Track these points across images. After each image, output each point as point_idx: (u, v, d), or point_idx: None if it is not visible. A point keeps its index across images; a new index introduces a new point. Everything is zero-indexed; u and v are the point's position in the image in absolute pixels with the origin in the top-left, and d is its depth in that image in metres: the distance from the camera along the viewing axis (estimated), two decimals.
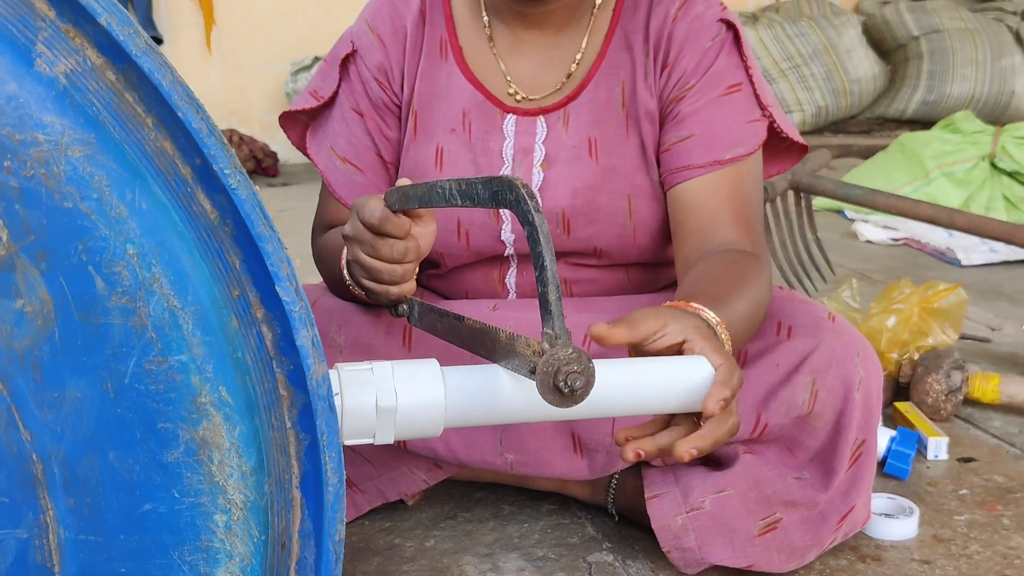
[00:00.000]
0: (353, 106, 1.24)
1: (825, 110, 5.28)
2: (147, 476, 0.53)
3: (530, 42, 1.22)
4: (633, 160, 1.19)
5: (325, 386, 0.54)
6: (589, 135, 1.20)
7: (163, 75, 0.50)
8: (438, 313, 0.93)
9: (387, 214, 0.94)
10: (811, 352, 1.11)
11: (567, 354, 0.64)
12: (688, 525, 1.14)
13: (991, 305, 2.36)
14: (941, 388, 1.63)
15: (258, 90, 5.09)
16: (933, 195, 3.15)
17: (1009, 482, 1.42)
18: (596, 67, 1.21)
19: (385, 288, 0.99)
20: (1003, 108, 5.28)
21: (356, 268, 1.01)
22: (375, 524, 1.31)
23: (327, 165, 1.26)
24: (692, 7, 1.18)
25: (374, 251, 0.97)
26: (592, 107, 1.20)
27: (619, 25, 1.21)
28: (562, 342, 0.64)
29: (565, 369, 0.64)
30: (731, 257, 1.08)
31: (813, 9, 5.54)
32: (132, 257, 0.52)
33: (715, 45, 1.17)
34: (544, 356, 0.64)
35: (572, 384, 0.65)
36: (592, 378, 0.66)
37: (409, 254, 0.96)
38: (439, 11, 1.23)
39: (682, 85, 1.17)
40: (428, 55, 1.23)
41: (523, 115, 1.21)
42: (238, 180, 0.51)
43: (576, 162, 1.20)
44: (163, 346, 0.52)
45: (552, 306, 0.64)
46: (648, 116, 1.19)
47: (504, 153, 1.21)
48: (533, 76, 1.22)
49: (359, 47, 1.23)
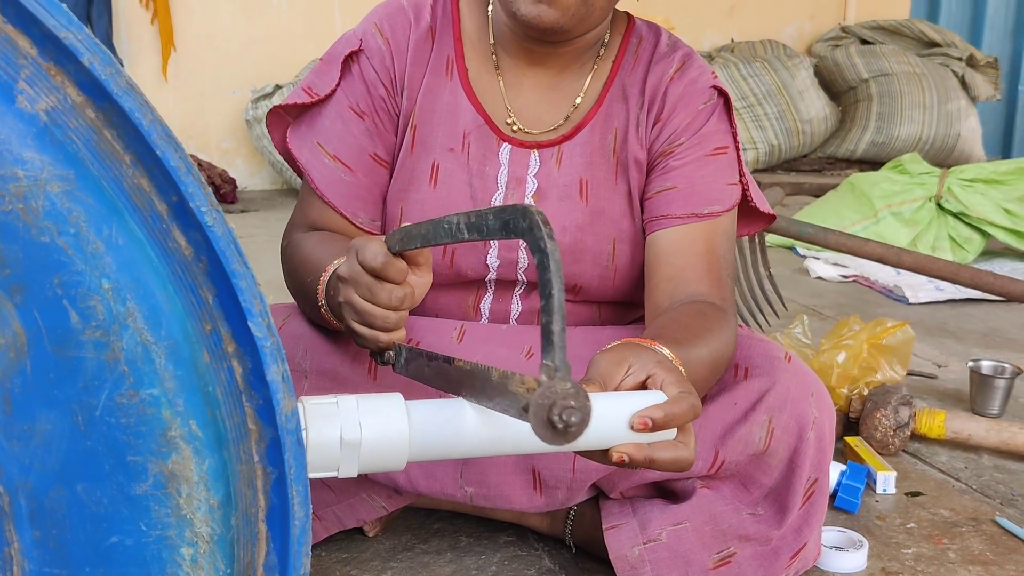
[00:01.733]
0: (353, 105, 1.22)
1: (778, 148, 5.39)
2: (115, 509, 0.54)
3: (533, 78, 1.24)
4: (620, 205, 1.23)
5: (294, 421, 0.54)
6: (581, 176, 1.23)
7: (143, 115, 0.51)
8: (426, 357, 0.89)
9: (389, 258, 0.92)
10: (767, 391, 1.13)
11: (565, 388, 0.61)
12: (645, 556, 1.15)
13: (937, 342, 2.42)
14: (889, 423, 1.67)
15: (218, 116, 5.07)
16: (881, 234, 3.23)
17: (955, 516, 1.46)
18: (593, 113, 1.24)
19: (375, 334, 0.96)
20: (949, 150, 5.44)
21: (348, 311, 0.97)
22: (332, 555, 1.30)
23: (311, 161, 1.23)
24: (688, 71, 1.23)
25: (371, 296, 0.94)
26: (586, 150, 1.23)
27: (618, 76, 1.25)
28: (561, 375, 0.61)
29: (561, 403, 0.61)
30: (699, 308, 1.10)
31: (767, 51, 5.67)
32: (107, 292, 0.52)
33: (707, 108, 1.22)
34: (541, 388, 0.61)
35: (567, 419, 0.61)
36: (588, 416, 0.62)
37: (406, 301, 0.94)
38: (449, 30, 1.25)
39: (672, 141, 1.22)
40: (433, 71, 1.23)
41: (518, 146, 1.23)
42: (214, 218, 0.52)
43: (567, 200, 1.22)
44: (135, 380, 0.53)
45: (555, 337, 0.61)
46: (636, 165, 1.23)
47: (499, 179, 1.23)
48: (532, 111, 1.25)
49: (367, 48, 1.22)
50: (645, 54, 1.25)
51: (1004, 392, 1.88)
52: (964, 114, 5.47)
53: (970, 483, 1.59)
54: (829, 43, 6.02)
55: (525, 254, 1.23)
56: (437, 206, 1.22)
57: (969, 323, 2.62)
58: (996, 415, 1.87)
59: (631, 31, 1.27)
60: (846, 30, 6.06)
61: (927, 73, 5.49)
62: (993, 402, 1.88)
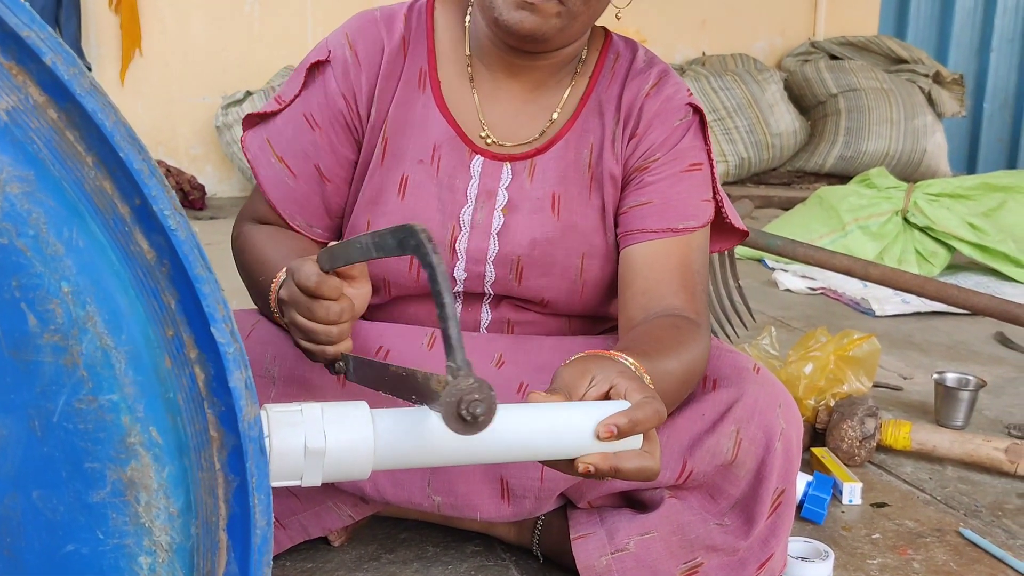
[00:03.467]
0: (307, 114, 1.22)
1: (748, 162, 5.44)
2: (71, 516, 0.53)
3: (508, 90, 1.24)
4: (593, 220, 1.23)
5: (257, 428, 0.54)
6: (553, 190, 1.23)
7: (107, 116, 0.50)
8: (368, 364, 0.95)
9: (323, 277, 0.95)
10: (735, 402, 1.14)
11: (468, 384, 0.67)
12: (613, 566, 1.15)
13: (903, 354, 2.45)
14: (856, 435, 1.68)
15: (187, 122, 5.03)
16: (849, 247, 3.27)
17: (919, 527, 1.47)
18: (568, 127, 1.24)
19: (322, 348, 0.99)
20: (915, 165, 5.51)
21: (294, 330, 1.01)
22: (296, 564, 1.29)
23: (259, 157, 1.24)
24: (664, 88, 1.24)
25: (310, 314, 0.97)
26: (560, 164, 1.23)
27: (594, 92, 1.25)
28: (463, 373, 0.67)
29: (467, 399, 0.67)
30: (673, 322, 1.11)
31: (738, 64, 5.73)
32: (67, 295, 0.51)
33: (683, 125, 1.23)
34: (446, 387, 0.67)
35: (474, 412, 0.67)
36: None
37: (344, 314, 0.97)
38: (422, 42, 1.24)
39: (648, 156, 1.22)
40: (406, 84, 1.23)
41: (491, 159, 1.23)
42: (177, 221, 0.51)
43: (538, 214, 1.22)
44: (94, 385, 0.52)
45: (453, 340, 0.67)
46: (611, 180, 1.23)
47: (469, 192, 1.23)
48: (506, 124, 1.24)
49: (333, 59, 1.22)
50: (621, 70, 1.26)
51: (968, 404, 1.90)
52: (930, 130, 5.55)
53: (934, 494, 1.60)
54: (799, 58, 6.09)
55: (492, 267, 1.23)
56: (404, 218, 1.21)
57: (934, 336, 2.65)
58: (960, 427, 1.89)
59: (608, 46, 1.28)
60: (816, 45, 6.14)
61: (894, 89, 5.57)
62: (957, 414, 1.90)
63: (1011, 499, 1.59)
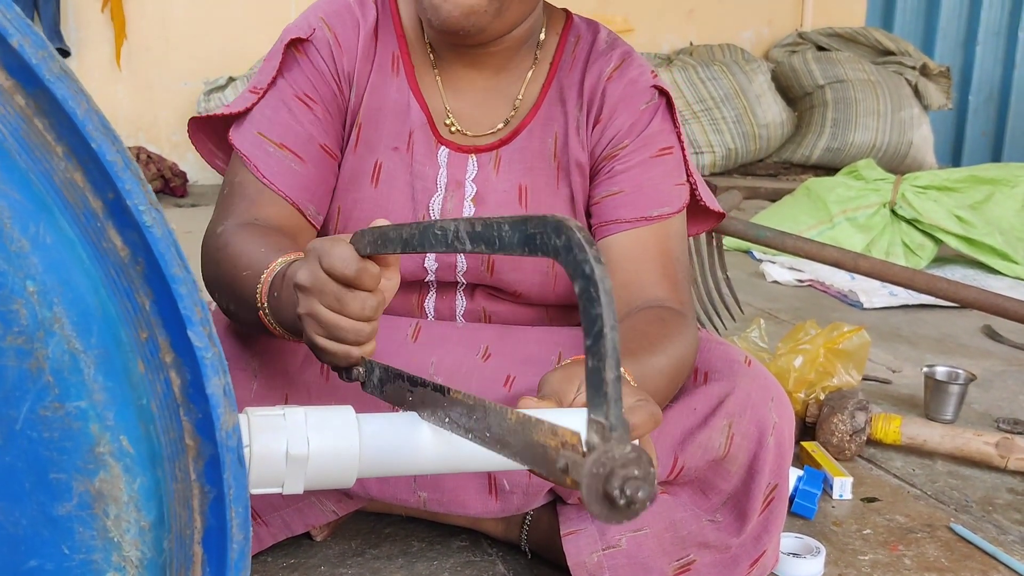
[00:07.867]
0: (299, 94, 1.16)
1: (735, 152, 5.43)
2: (35, 530, 0.49)
3: (469, 80, 1.21)
4: (562, 211, 1.20)
5: (235, 438, 0.51)
6: (520, 182, 1.20)
7: (78, 103, 0.47)
8: (407, 380, 0.76)
9: (364, 263, 0.80)
10: (727, 396, 1.12)
11: (625, 454, 0.48)
12: (604, 563, 1.13)
13: (891, 347, 2.44)
14: (846, 428, 1.67)
15: (169, 108, 4.96)
16: (836, 238, 3.26)
17: (910, 522, 1.46)
18: (531, 116, 1.21)
19: (347, 350, 0.84)
20: (902, 157, 5.52)
21: (311, 324, 0.84)
22: (278, 560, 1.26)
23: (254, 152, 1.14)
24: (627, 71, 1.20)
25: (340, 306, 0.81)
26: (525, 155, 1.20)
27: (555, 78, 1.22)
28: (617, 436, 0.48)
29: (622, 473, 0.47)
30: (657, 314, 1.08)
31: (725, 55, 5.71)
32: (32, 295, 0.48)
33: (649, 108, 1.20)
34: (595, 453, 0.48)
35: (632, 495, 0.47)
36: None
37: (379, 311, 0.83)
38: (390, 28, 1.21)
39: (616, 144, 1.19)
40: (379, 69, 1.20)
41: (456, 150, 1.20)
42: (153, 217, 0.48)
43: (506, 207, 1.19)
44: (61, 391, 0.49)
45: (609, 388, 0.48)
46: (579, 168, 1.20)
47: (439, 181, 1.20)
48: (471, 114, 1.22)
49: (316, 39, 1.17)
50: (582, 53, 1.22)
51: (958, 398, 1.89)
52: (917, 122, 5.56)
53: (925, 489, 1.59)
54: (786, 48, 6.08)
55: (463, 257, 1.19)
56: (375, 206, 1.18)
57: (923, 328, 2.65)
58: (950, 421, 1.88)
59: (569, 29, 1.24)
60: (803, 36, 6.13)
61: (881, 81, 5.57)
62: (947, 408, 1.89)
63: (1001, 494, 1.58)
